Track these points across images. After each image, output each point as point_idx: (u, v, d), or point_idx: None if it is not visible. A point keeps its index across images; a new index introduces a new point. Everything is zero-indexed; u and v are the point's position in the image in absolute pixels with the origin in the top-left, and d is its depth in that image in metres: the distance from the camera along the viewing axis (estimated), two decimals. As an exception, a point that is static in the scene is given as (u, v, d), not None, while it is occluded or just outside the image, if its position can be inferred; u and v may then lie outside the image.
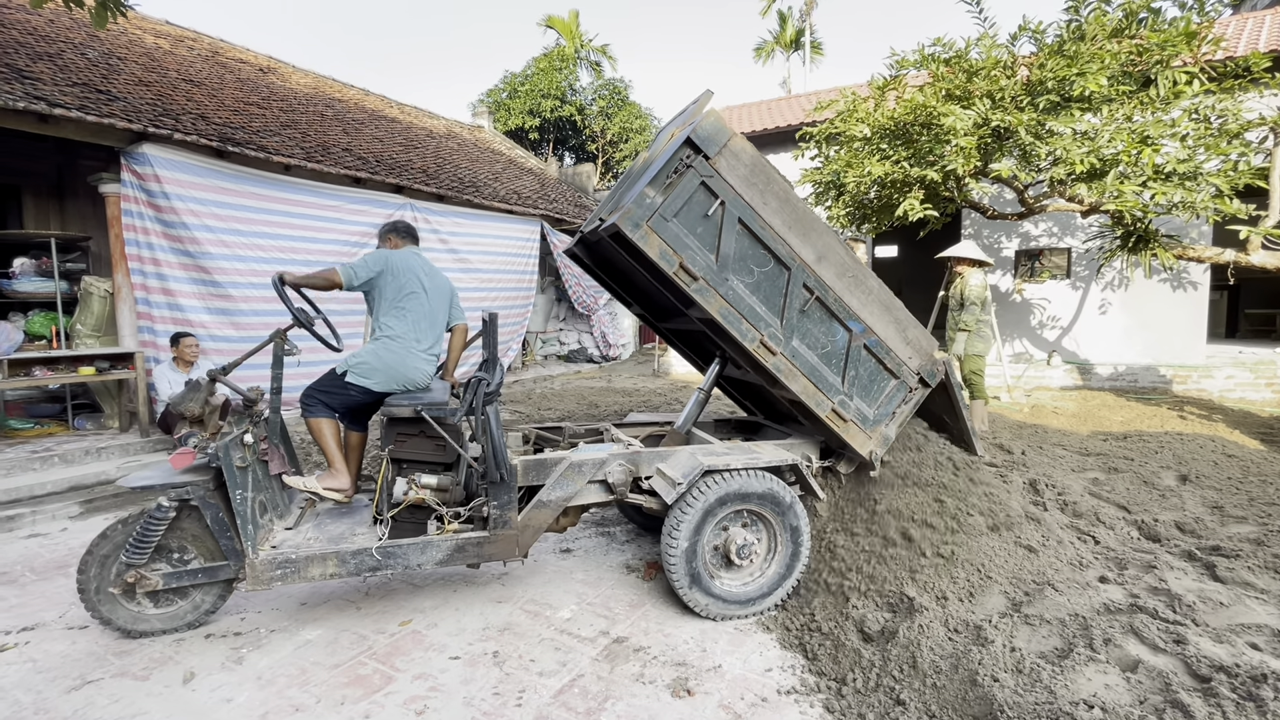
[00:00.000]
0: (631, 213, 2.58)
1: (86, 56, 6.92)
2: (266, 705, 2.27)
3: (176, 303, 6.17)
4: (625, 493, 2.92)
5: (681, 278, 2.66)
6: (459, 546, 2.69)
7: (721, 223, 2.71)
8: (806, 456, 3.26)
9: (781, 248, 2.82)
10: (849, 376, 3.04)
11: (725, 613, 2.83)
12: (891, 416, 3.19)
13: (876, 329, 3.05)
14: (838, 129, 6.98)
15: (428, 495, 2.73)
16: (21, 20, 6.95)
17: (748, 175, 2.74)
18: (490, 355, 2.79)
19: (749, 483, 2.82)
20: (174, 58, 8.57)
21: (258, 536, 2.60)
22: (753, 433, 4.04)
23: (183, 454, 2.67)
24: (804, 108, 11.34)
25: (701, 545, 2.78)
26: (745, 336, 2.80)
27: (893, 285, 14.47)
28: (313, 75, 11.79)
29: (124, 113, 5.96)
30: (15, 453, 4.98)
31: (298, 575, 2.56)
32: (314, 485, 2.93)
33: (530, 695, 2.33)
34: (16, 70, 5.72)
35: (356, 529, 2.84)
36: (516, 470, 2.79)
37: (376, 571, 2.63)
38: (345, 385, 2.94)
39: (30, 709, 2.24)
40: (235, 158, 6.63)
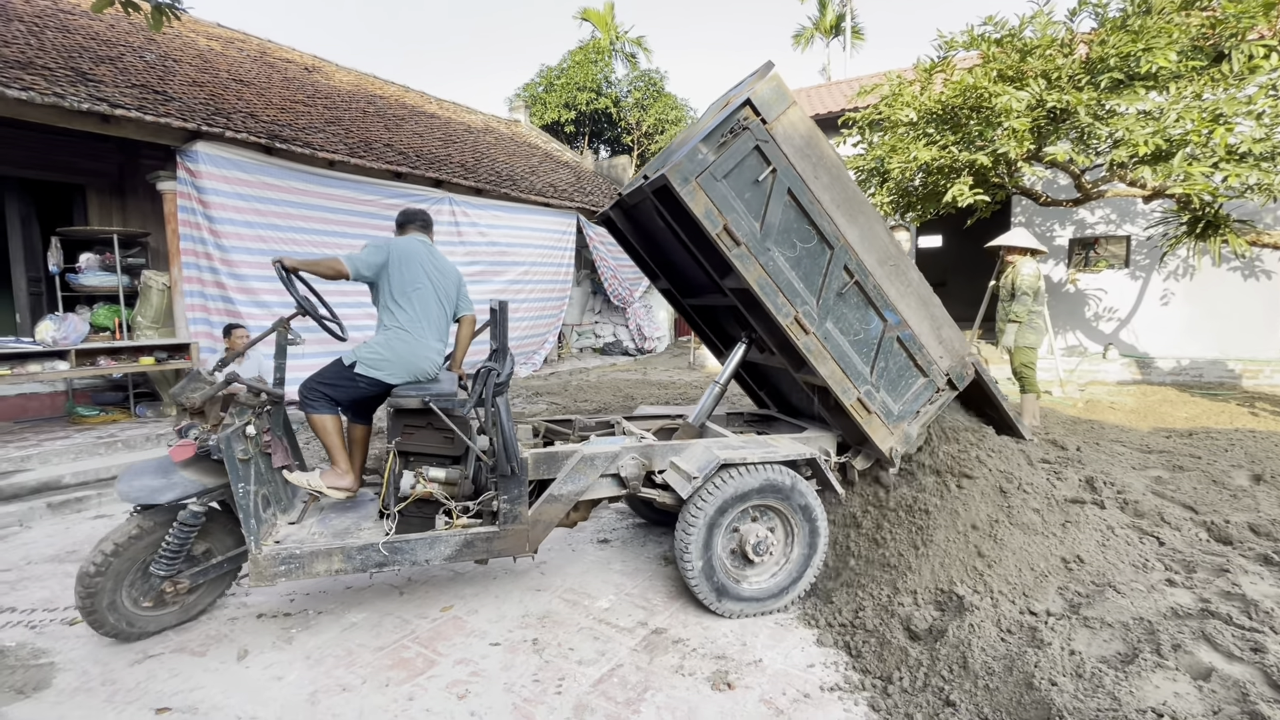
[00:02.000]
0: (682, 166, 2.51)
1: (144, 59, 7.20)
2: (315, 684, 2.32)
3: (227, 295, 6.39)
4: (638, 487, 2.84)
5: (724, 240, 2.59)
6: (468, 542, 2.61)
7: (770, 191, 2.65)
8: (824, 450, 3.15)
9: (827, 225, 2.75)
10: (878, 368, 2.97)
11: (740, 611, 2.75)
12: (915, 415, 3.09)
13: (911, 322, 2.98)
14: (881, 114, 6.77)
15: (436, 489, 2.64)
16: (84, 26, 7.27)
17: (803, 146, 2.69)
18: (500, 345, 2.70)
19: (766, 477, 2.73)
20: (225, 59, 8.86)
21: (261, 531, 2.52)
22: (765, 426, 3.90)
23: (183, 446, 2.55)
24: (845, 94, 11.06)
25: (716, 542, 2.70)
26: (780, 310, 2.72)
27: (937, 275, 14.13)
28: (355, 73, 12.04)
29: (179, 112, 6.19)
30: (83, 438, 5.25)
31: (302, 571, 2.47)
32: (317, 483, 2.81)
33: (569, 683, 2.33)
34: (80, 73, 5.99)
35: (362, 523, 2.75)
36: (527, 463, 2.71)
37: (383, 567, 2.55)
38: (354, 377, 2.82)
39: (98, 680, 2.35)
40: (282, 154, 6.81)
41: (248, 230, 6.47)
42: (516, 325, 9.85)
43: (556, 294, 10.53)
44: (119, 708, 2.19)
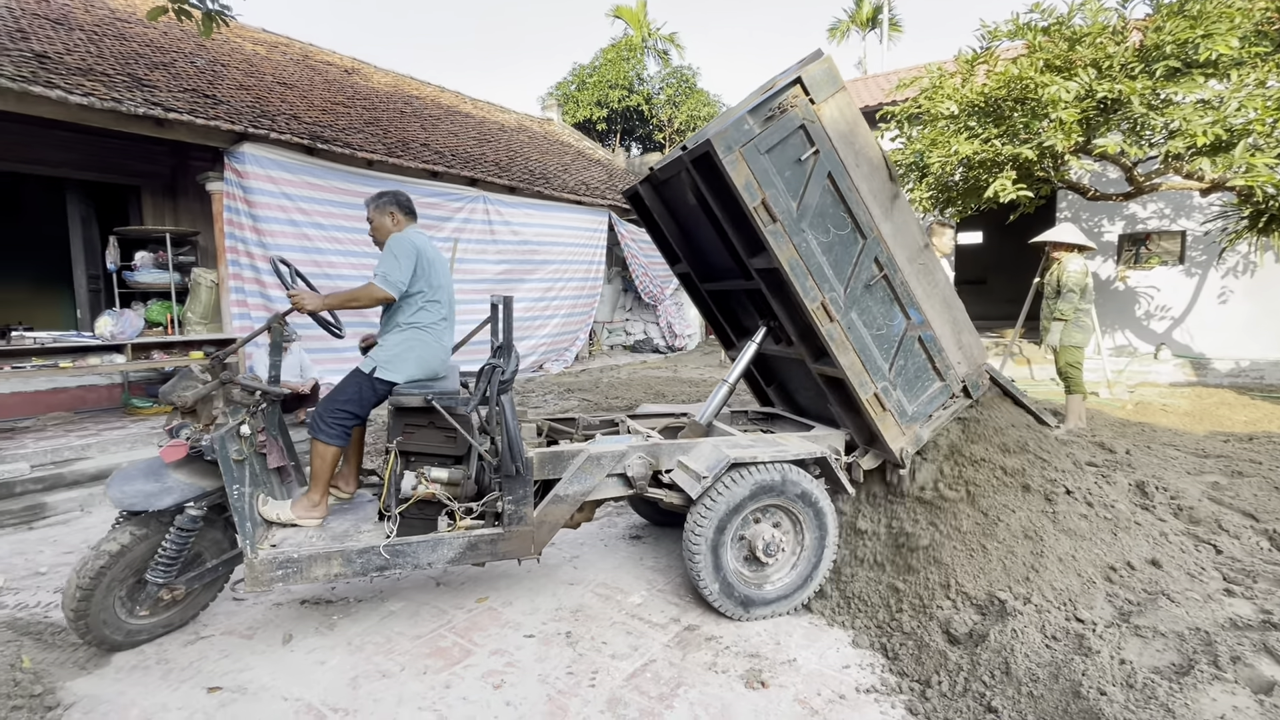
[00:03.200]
0: (727, 134, 2.48)
1: (195, 64, 7.47)
2: (356, 670, 2.39)
3: (267, 292, 6.60)
4: (645, 487, 2.78)
5: (760, 215, 2.55)
6: (471, 544, 2.54)
7: (811, 172, 2.62)
8: (834, 449, 3.07)
9: (863, 214, 2.74)
10: (897, 365, 2.94)
11: (749, 614, 2.71)
12: (928, 419, 3.05)
13: (934, 324, 2.96)
14: (921, 107, 6.62)
15: (438, 490, 2.55)
16: (140, 34, 7.58)
17: (847, 132, 2.69)
18: (505, 342, 2.61)
19: (776, 476, 2.69)
20: (270, 62, 9.13)
21: (256, 535, 2.43)
22: (769, 425, 3.81)
23: (174, 447, 2.43)
24: (882, 87, 10.84)
25: (726, 543, 2.66)
26: (808, 294, 2.69)
27: (977, 273, 13.83)
28: (393, 74, 12.28)
29: (227, 115, 6.41)
30: (138, 428, 5.49)
31: (300, 575, 2.39)
32: (288, 515, 2.62)
33: (603, 677, 2.34)
34: (136, 79, 6.24)
35: (362, 526, 2.66)
36: (532, 463, 2.64)
37: (384, 571, 2.48)
38: (375, 384, 2.70)
39: (153, 659, 2.45)
40: (324, 154, 7.00)
41: (291, 229, 6.66)
42: (548, 322, 9.93)
43: (588, 291, 10.58)
44: (174, 685, 2.29)
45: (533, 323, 9.67)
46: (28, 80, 5.11)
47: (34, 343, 5.30)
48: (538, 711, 2.15)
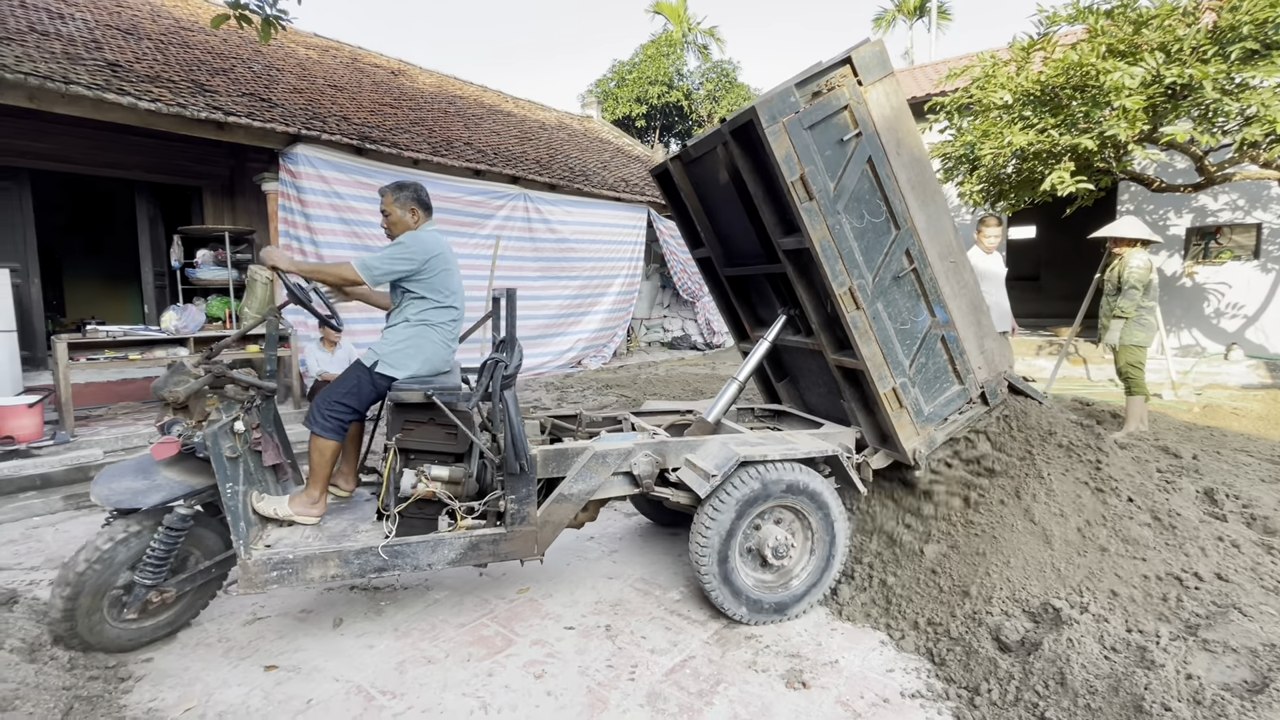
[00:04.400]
0: (773, 104, 2.47)
1: (252, 69, 7.77)
2: (403, 655, 2.46)
3: (316, 289, 6.82)
4: (651, 486, 2.71)
5: (797, 190, 2.53)
6: (473, 544, 2.47)
7: (851, 155, 2.62)
8: (845, 447, 2.97)
9: (899, 204, 2.71)
10: (917, 362, 2.90)
11: (759, 618, 2.64)
12: (944, 421, 2.99)
13: (958, 324, 2.92)
14: (972, 97, 6.40)
15: (438, 488, 2.47)
16: (202, 41, 7.93)
17: (892, 118, 2.67)
18: (508, 336, 2.52)
19: (787, 475, 2.62)
20: (321, 66, 9.43)
21: (250, 535, 2.36)
22: (777, 422, 3.74)
23: (165, 444, 2.35)
24: (931, 78, 10.52)
25: (735, 544, 2.59)
26: (836, 277, 2.65)
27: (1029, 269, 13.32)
28: (437, 75, 12.54)
29: (282, 117, 6.65)
30: (199, 418, 5.76)
31: (296, 577, 2.32)
32: (285, 511, 2.55)
33: (642, 671, 2.35)
34: (199, 85, 6.53)
35: (360, 525, 2.59)
36: (536, 461, 2.57)
37: (382, 573, 2.41)
38: (374, 379, 2.63)
39: (215, 637, 2.58)
40: (372, 154, 7.19)
41: (341, 226, 6.88)
42: (587, 319, 10.00)
43: (627, 287, 10.61)
44: (234, 662, 2.40)
45: (572, 319, 9.76)
46: (102, 88, 5.41)
47: (106, 336, 5.62)
48: (578, 702, 2.18)
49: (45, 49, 5.66)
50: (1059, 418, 3.27)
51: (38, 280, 6.88)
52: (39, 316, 6.92)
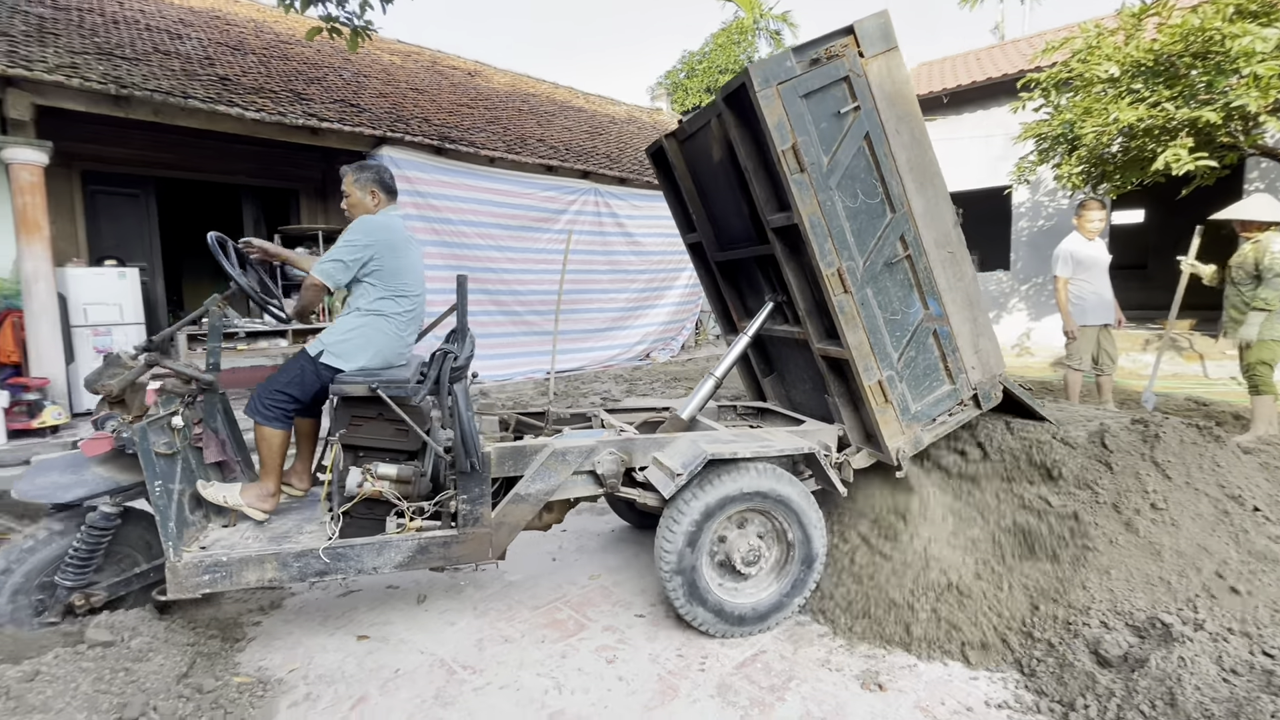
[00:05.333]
0: (766, 67, 2.39)
1: (342, 76, 8.25)
2: (482, 633, 2.57)
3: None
4: (616, 485, 2.56)
5: (788, 160, 2.43)
6: (422, 547, 2.34)
7: (848, 129, 2.52)
8: (824, 445, 2.81)
9: (896, 185, 2.60)
10: (906, 356, 2.74)
11: (727, 631, 2.49)
12: (932, 422, 2.83)
13: (952, 320, 2.77)
14: (1073, 71, 5.93)
15: (386, 488, 2.33)
16: (299, 53, 8.48)
17: (893, 94, 2.56)
18: (459, 325, 2.40)
19: (758, 475, 2.47)
20: (403, 70, 9.89)
21: (185, 535, 2.25)
22: (759, 420, 3.58)
23: (97, 440, 2.23)
24: (1024, 53, 9.84)
25: (702, 549, 2.43)
26: (824, 257, 2.53)
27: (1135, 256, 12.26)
28: (510, 74, 12.87)
29: (369, 122, 7.03)
30: (297, 404, 6.21)
31: (229, 580, 2.20)
32: (235, 500, 2.44)
33: (712, 662, 2.35)
34: (296, 94, 7.00)
35: (306, 526, 2.47)
36: (490, 459, 2.42)
37: (325, 576, 2.28)
38: (318, 369, 2.49)
39: (315, 606, 2.79)
40: (451, 154, 7.49)
41: (422, 224, 7.20)
42: (656, 311, 10.03)
43: (694, 281, 10.55)
44: (330, 630, 2.58)
45: (640, 312, 9.82)
46: (214, 100, 5.89)
47: (218, 328, 6.14)
48: (649, 689, 2.20)
49: (166, 67, 6.22)
50: (1171, 429, 3.00)
51: (161, 278, 7.60)
52: (162, 310, 7.66)
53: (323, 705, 2.11)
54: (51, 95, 5.15)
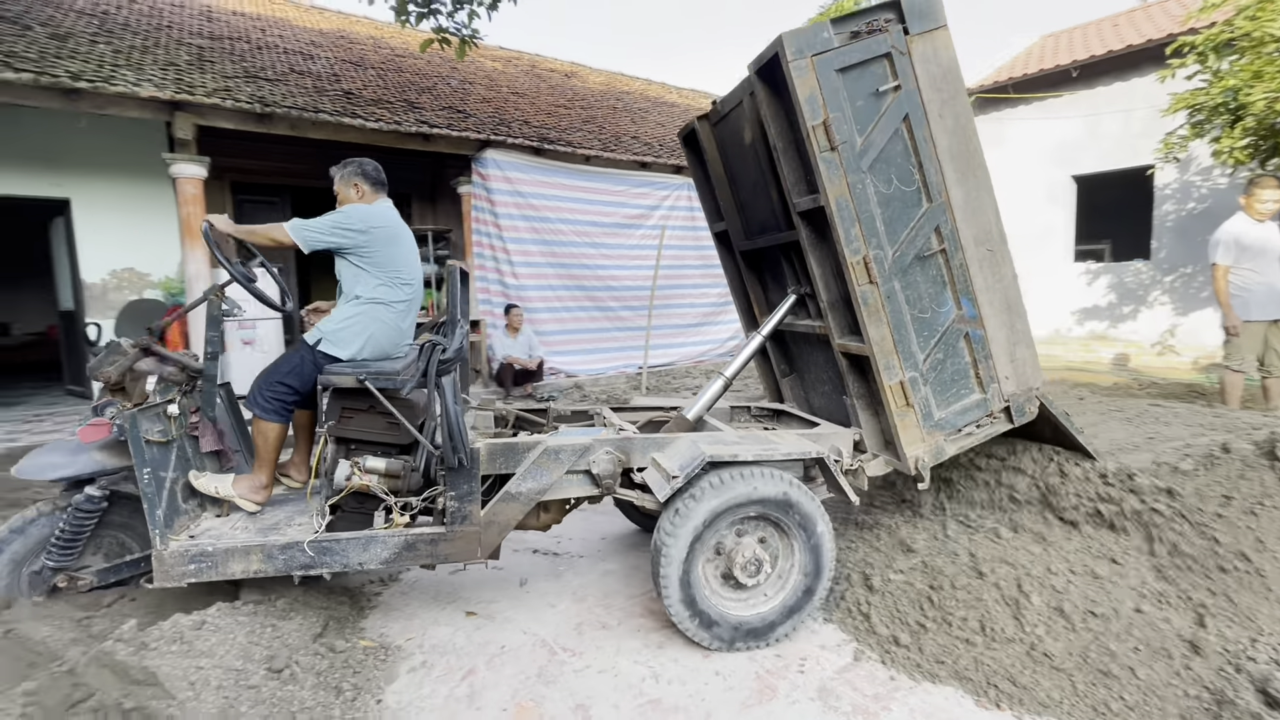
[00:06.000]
0: (801, 37, 2.28)
1: (450, 84, 8.72)
2: (580, 618, 2.64)
3: (503, 280, 7.53)
4: (612, 486, 2.45)
5: (818, 136, 2.32)
6: (408, 544, 2.29)
7: (886, 109, 2.39)
8: (836, 450, 2.64)
9: (934, 173, 2.46)
10: (933, 359, 2.58)
11: (725, 643, 2.34)
12: (957, 432, 2.64)
13: (987, 324, 2.59)
14: (1238, 31, 5.20)
15: (374, 482, 2.31)
16: (411, 65, 9.06)
17: (939, 75, 2.43)
18: (450, 316, 2.36)
19: (761, 480, 2.33)
20: (505, 75, 10.31)
21: (175, 524, 2.25)
22: (775, 421, 3.41)
23: (95, 426, 2.21)
24: (1173, 15, 8.76)
25: (699, 556, 2.30)
26: (850, 243, 2.40)
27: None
28: (605, 73, 13.08)
29: (475, 126, 7.39)
30: (409, 393, 6.67)
31: (215, 570, 2.19)
32: (227, 490, 2.42)
33: (812, 665, 2.29)
34: (409, 102, 7.48)
35: (297, 519, 2.45)
36: (479, 455, 2.34)
37: (310, 570, 2.24)
38: (316, 358, 2.47)
39: (428, 582, 2.98)
40: (549, 154, 7.72)
41: (523, 223, 7.50)
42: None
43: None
44: (441, 604, 2.75)
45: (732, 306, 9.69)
46: (340, 113, 6.41)
47: (342, 322, 6.69)
48: (746, 685, 2.18)
49: (300, 86, 6.85)
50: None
51: (294, 276, 8.40)
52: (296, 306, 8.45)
53: (436, 673, 2.25)
54: (209, 116, 5.81)
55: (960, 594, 2.54)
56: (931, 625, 2.42)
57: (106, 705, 1.66)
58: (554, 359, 7.64)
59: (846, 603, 2.68)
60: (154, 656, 1.88)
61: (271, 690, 1.94)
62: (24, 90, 5.03)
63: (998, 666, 2.20)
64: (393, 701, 2.09)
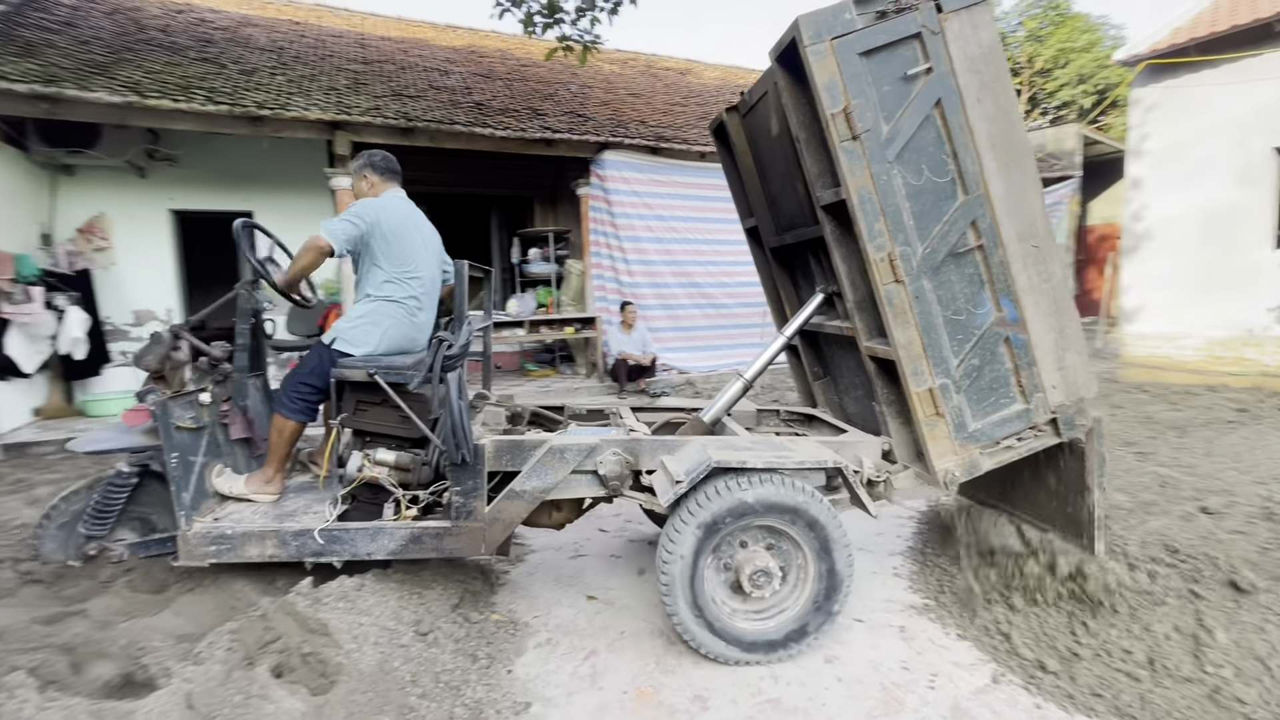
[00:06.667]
0: (820, 19, 2.14)
1: (570, 89, 9.06)
2: (696, 610, 2.66)
3: (618, 278, 7.71)
4: (619, 488, 2.39)
5: (838, 124, 2.17)
6: (414, 536, 2.33)
7: (916, 94, 2.23)
8: (858, 459, 2.50)
9: (970, 163, 2.27)
10: (968, 364, 2.37)
11: (734, 656, 2.23)
12: (994, 445, 2.43)
13: (1032, 327, 2.38)
14: None
15: (383, 474, 2.37)
16: (535, 73, 9.52)
17: (978, 57, 2.25)
18: (457, 313, 2.37)
19: (769, 488, 2.20)
20: (621, 77, 10.53)
21: (202, 506, 2.37)
22: (805, 427, 3.23)
23: (137, 411, 2.37)
24: None
25: (703, 565, 2.21)
26: (874, 239, 2.24)
27: None
28: (720, 68, 12.99)
29: (594, 129, 7.63)
30: (531, 386, 7.08)
31: (234, 553, 2.29)
32: (240, 489, 2.53)
33: (945, 683, 2.14)
34: (533, 110, 7.87)
35: (314, 507, 2.52)
36: (483, 452, 2.35)
37: (320, 557, 2.32)
38: (333, 357, 2.52)
39: (550, 566, 3.14)
40: (665, 152, 7.80)
41: (639, 221, 7.64)
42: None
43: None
44: (564, 587, 2.88)
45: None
46: (472, 123, 6.88)
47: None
48: (871, 696, 2.09)
49: (436, 100, 7.42)
50: None
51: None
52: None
53: (561, 651, 2.37)
54: (363, 133, 6.47)
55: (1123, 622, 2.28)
56: (1086, 653, 2.18)
57: (290, 648, 1.92)
58: (667, 355, 7.72)
59: (983, 620, 2.49)
60: (325, 610, 2.14)
61: (418, 651, 2.13)
62: (220, 119, 5.88)
63: (1170, 708, 1.95)
64: (522, 673, 2.22)
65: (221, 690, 1.66)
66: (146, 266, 7.08)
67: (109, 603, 2.33)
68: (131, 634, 2.03)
